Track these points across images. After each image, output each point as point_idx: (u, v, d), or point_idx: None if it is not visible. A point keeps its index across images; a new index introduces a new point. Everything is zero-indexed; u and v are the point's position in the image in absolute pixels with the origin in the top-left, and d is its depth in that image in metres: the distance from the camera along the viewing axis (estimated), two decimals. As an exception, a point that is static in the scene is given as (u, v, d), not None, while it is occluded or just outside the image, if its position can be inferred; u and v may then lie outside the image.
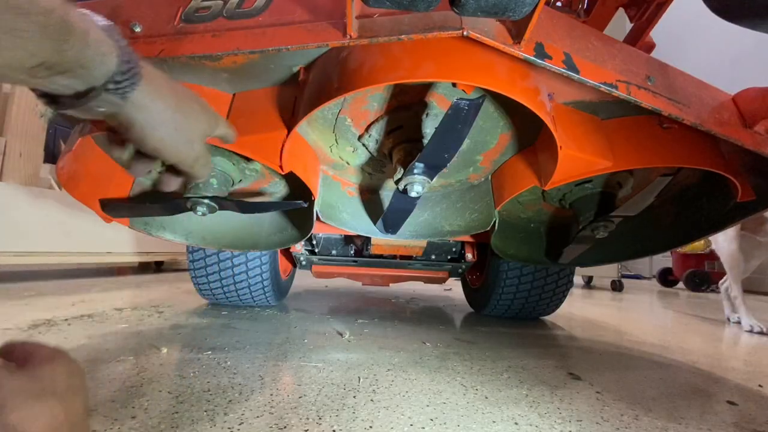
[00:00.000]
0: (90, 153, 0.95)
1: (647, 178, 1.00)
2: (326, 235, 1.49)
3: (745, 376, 1.05)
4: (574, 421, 0.70)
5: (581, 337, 1.45)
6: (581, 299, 2.96)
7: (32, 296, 1.63)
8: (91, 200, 0.97)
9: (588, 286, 4.32)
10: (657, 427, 0.69)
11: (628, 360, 1.15)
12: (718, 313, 2.49)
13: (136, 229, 1.09)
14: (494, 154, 0.99)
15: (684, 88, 0.70)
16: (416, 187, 0.81)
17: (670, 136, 0.78)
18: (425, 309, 1.94)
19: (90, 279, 2.36)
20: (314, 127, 0.93)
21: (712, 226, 0.98)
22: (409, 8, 0.52)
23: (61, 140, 2.75)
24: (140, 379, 0.78)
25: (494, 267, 1.56)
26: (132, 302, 1.62)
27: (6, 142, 2.06)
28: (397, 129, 0.88)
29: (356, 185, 1.13)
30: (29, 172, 2.16)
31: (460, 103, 0.66)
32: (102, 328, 1.16)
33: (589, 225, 0.98)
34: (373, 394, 0.77)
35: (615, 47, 0.68)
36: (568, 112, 0.80)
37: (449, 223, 1.12)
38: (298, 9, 0.63)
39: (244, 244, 1.18)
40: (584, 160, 0.79)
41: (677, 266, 4.60)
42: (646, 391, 0.88)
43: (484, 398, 0.78)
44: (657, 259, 5.85)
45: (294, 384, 0.80)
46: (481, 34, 0.57)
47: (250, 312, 1.52)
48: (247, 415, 0.64)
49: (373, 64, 0.64)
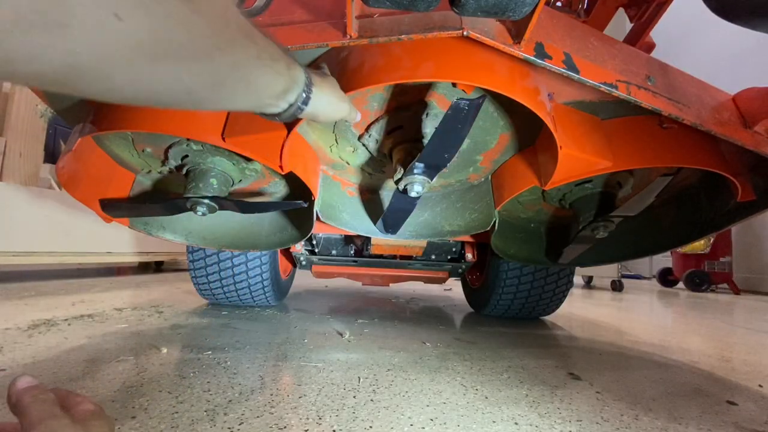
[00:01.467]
0: (90, 153, 0.95)
1: (647, 178, 1.00)
2: (326, 235, 1.49)
3: (745, 376, 1.05)
4: (574, 421, 0.70)
5: (581, 337, 1.45)
6: (581, 299, 2.96)
7: (32, 296, 1.64)
8: (91, 200, 0.97)
9: (588, 286, 4.32)
10: (657, 427, 0.69)
11: (628, 360, 1.15)
12: (718, 313, 2.49)
13: (136, 229, 1.09)
14: (494, 154, 0.99)
15: (684, 88, 0.70)
16: (416, 187, 0.81)
17: (670, 136, 0.78)
18: (425, 309, 1.94)
19: (90, 279, 2.36)
20: (314, 127, 0.93)
21: (712, 226, 0.98)
22: (409, 8, 0.52)
23: (61, 140, 2.75)
24: (140, 379, 0.78)
25: (494, 267, 1.56)
26: (132, 302, 1.62)
27: (6, 142, 2.06)
28: (397, 129, 0.88)
29: (356, 185, 1.13)
30: (29, 172, 2.16)
31: (460, 103, 0.66)
32: (102, 328, 1.16)
33: (589, 225, 0.98)
34: (373, 394, 0.77)
35: (615, 47, 0.68)
36: (568, 112, 0.80)
37: (449, 223, 1.12)
38: (298, 9, 0.63)
39: (244, 244, 1.18)
40: (584, 160, 0.79)
41: (677, 266, 4.59)
42: (646, 391, 0.88)
43: (484, 398, 0.78)
44: (657, 259, 5.85)
45: (294, 384, 0.80)
46: (481, 34, 0.57)
47: (250, 312, 1.52)
48: (247, 415, 0.64)
49: (373, 64, 0.64)
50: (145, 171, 1.04)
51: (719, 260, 4.30)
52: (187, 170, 0.92)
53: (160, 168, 1.01)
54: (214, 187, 0.90)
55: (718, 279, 4.27)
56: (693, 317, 2.23)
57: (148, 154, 0.96)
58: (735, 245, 4.54)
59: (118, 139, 0.93)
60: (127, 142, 0.94)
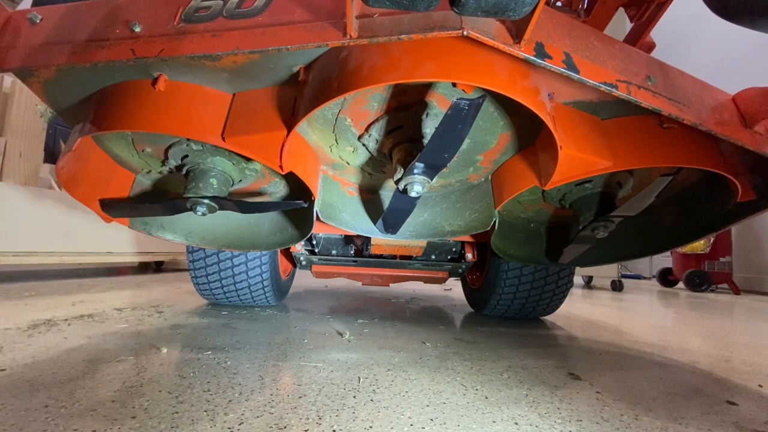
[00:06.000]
0: (90, 153, 0.95)
1: (647, 178, 1.00)
2: (326, 235, 1.49)
3: (745, 376, 1.05)
4: (574, 421, 0.70)
5: (581, 337, 1.45)
6: (581, 299, 2.96)
7: (32, 296, 1.63)
8: (91, 200, 0.97)
9: (588, 286, 4.32)
10: (657, 427, 0.69)
11: (628, 360, 1.15)
12: (718, 313, 2.49)
13: (136, 229, 1.09)
14: (494, 154, 0.99)
15: (684, 88, 0.70)
16: (416, 187, 0.81)
17: (670, 136, 0.78)
18: (425, 309, 1.94)
19: (90, 279, 2.36)
20: (314, 127, 0.93)
21: (712, 226, 0.98)
22: (409, 8, 0.52)
23: (61, 140, 2.75)
24: (140, 379, 0.78)
25: (494, 267, 1.56)
26: (132, 302, 1.62)
27: (6, 142, 2.06)
28: (397, 129, 0.88)
29: (356, 185, 1.13)
30: (29, 172, 2.16)
31: (460, 103, 0.66)
32: (102, 328, 1.16)
33: (589, 225, 0.98)
34: (373, 394, 0.77)
35: (615, 47, 0.68)
36: (568, 111, 0.80)
37: (449, 223, 1.12)
38: (298, 9, 0.63)
39: (244, 244, 1.17)
40: (584, 160, 0.79)
41: (677, 266, 4.60)
42: (646, 391, 0.87)
43: (484, 398, 0.78)
44: (657, 259, 5.85)
45: (294, 384, 0.80)
46: (481, 34, 0.57)
47: (250, 312, 1.52)
48: (247, 415, 0.64)
49: (373, 64, 0.64)
50: (145, 171, 1.04)
51: (719, 260, 4.30)
52: (187, 170, 0.92)
53: (160, 168, 1.01)
54: (214, 187, 0.90)
55: (718, 279, 4.27)
56: (693, 317, 2.22)
57: (148, 154, 0.96)
58: (735, 245, 4.55)
59: (118, 139, 0.93)
60: (127, 142, 0.94)
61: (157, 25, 0.65)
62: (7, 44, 0.68)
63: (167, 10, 0.66)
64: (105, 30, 0.67)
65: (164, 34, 0.64)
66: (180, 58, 0.64)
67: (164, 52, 0.63)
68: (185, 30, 0.64)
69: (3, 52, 0.68)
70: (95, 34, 0.67)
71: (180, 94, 0.76)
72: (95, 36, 0.67)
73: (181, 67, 0.73)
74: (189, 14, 0.65)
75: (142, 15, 0.66)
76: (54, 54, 0.67)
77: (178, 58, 0.64)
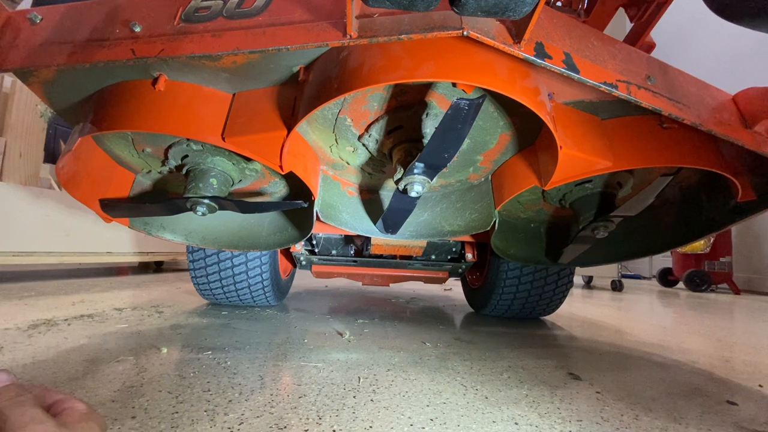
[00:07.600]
0: (90, 153, 0.96)
1: (647, 178, 1.00)
2: (326, 235, 1.49)
3: (745, 376, 1.05)
4: (574, 421, 0.70)
5: (581, 337, 1.45)
6: (581, 299, 2.96)
7: (32, 296, 1.63)
8: (91, 200, 0.97)
9: (588, 286, 4.32)
10: (657, 427, 0.69)
11: (628, 360, 1.15)
12: (718, 313, 2.49)
13: (136, 229, 1.09)
14: (494, 154, 0.99)
15: (684, 88, 0.70)
16: (416, 187, 0.81)
17: (670, 135, 0.78)
18: (425, 309, 1.94)
19: (90, 279, 2.36)
20: (314, 127, 0.93)
21: (713, 226, 0.98)
22: (409, 8, 0.52)
23: (61, 140, 2.75)
24: (140, 379, 0.78)
25: (494, 267, 1.56)
26: (132, 302, 1.62)
27: (6, 142, 2.06)
28: (397, 129, 0.88)
29: (356, 185, 1.13)
30: (29, 172, 2.16)
31: (460, 103, 0.66)
32: (102, 328, 1.16)
33: (589, 225, 0.98)
34: (373, 394, 0.77)
35: (615, 47, 0.68)
36: (568, 111, 0.80)
37: (449, 223, 1.12)
38: (298, 9, 0.63)
39: (244, 244, 1.17)
40: (584, 160, 0.79)
41: (677, 266, 4.59)
42: (646, 391, 0.87)
43: (484, 398, 0.78)
44: (657, 259, 5.85)
45: (294, 384, 0.80)
46: (481, 34, 0.57)
47: (250, 312, 1.52)
48: (247, 415, 0.64)
49: (373, 64, 0.64)
50: (145, 171, 1.04)
51: (719, 260, 4.30)
52: (187, 170, 0.92)
53: (160, 168, 1.01)
54: (214, 187, 0.90)
55: (718, 279, 4.27)
56: (693, 317, 2.22)
57: (148, 154, 0.96)
58: (735, 245, 4.54)
59: (118, 139, 0.93)
60: (127, 142, 0.94)
61: (157, 25, 0.65)
62: (7, 44, 0.68)
63: (167, 10, 0.66)
64: (105, 30, 0.67)
65: (164, 34, 0.64)
66: (180, 58, 0.64)
67: (164, 52, 0.63)
68: (185, 30, 0.64)
69: (3, 52, 0.68)
70: (95, 34, 0.67)
71: (180, 94, 0.76)
72: (95, 36, 0.67)
73: (181, 67, 0.73)
74: (189, 14, 0.65)
75: (142, 15, 0.67)
76: (54, 54, 0.67)
77: (178, 58, 0.64)
